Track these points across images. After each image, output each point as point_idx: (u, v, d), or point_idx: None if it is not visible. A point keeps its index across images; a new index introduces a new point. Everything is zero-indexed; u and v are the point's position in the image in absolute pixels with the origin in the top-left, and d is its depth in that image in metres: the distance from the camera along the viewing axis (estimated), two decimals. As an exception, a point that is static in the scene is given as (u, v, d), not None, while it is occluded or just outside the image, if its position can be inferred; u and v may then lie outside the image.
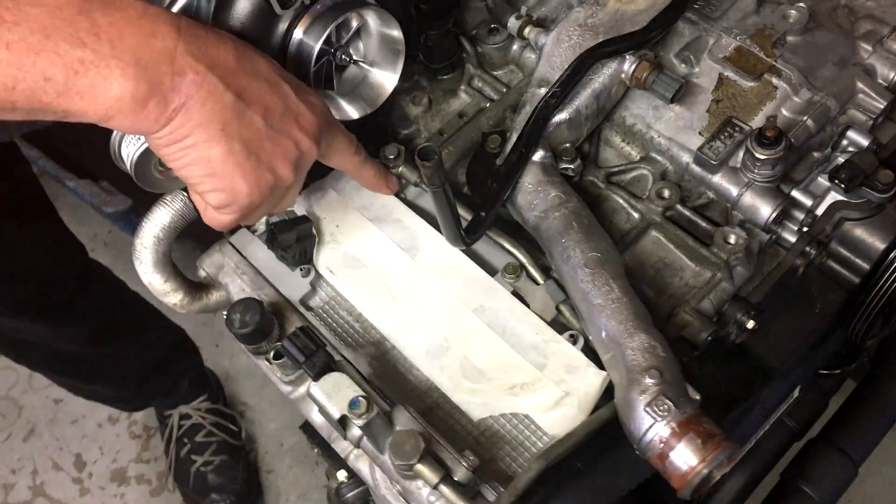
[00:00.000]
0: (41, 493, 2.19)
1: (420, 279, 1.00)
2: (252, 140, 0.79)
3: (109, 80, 0.69)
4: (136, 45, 0.70)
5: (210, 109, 0.75)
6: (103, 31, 0.69)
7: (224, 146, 0.77)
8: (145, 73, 0.71)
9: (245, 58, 0.79)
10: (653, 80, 1.02)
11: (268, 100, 0.80)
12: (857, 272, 1.06)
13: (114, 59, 0.69)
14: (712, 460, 0.79)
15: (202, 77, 0.74)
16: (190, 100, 0.74)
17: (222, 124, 0.76)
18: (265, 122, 0.80)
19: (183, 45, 0.73)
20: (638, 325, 0.87)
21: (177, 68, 0.73)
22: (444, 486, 0.81)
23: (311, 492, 2.14)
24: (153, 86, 0.71)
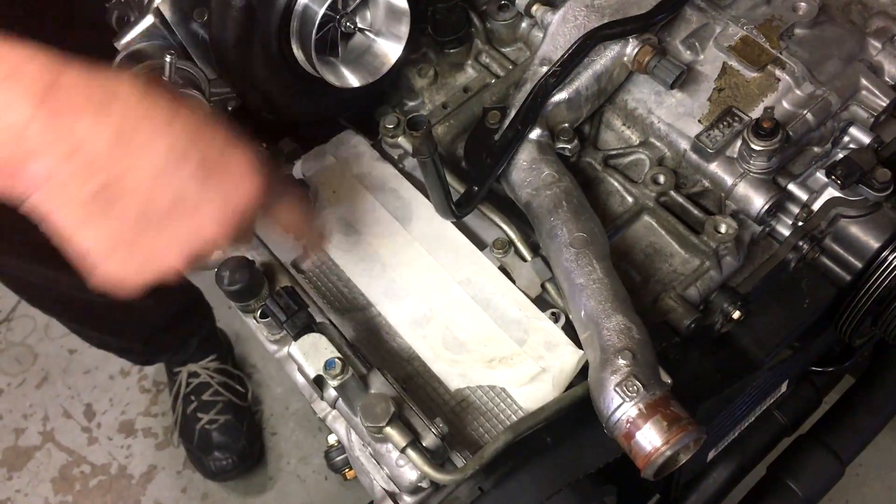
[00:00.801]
0: (51, 439, 2.24)
1: (410, 249, 1.02)
2: (122, 232, 0.68)
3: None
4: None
5: (64, 202, 0.65)
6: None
7: (87, 235, 0.68)
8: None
9: (131, 133, 0.66)
10: (654, 65, 1.02)
11: (152, 190, 0.67)
12: (850, 270, 1.06)
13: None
14: (676, 442, 0.80)
15: (53, 166, 0.63)
16: (40, 188, 0.64)
17: (83, 215, 0.66)
18: (142, 216, 0.68)
19: (40, 122, 0.62)
20: (616, 307, 0.88)
21: (25, 151, 0.62)
22: (411, 450, 0.83)
23: (313, 456, 2.17)
24: (2, 162, 0.63)
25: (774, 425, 1.37)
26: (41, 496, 2.17)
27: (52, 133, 0.63)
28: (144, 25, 0.96)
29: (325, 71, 1.02)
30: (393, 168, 1.08)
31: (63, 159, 0.63)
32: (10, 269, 1.59)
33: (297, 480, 2.15)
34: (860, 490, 2.05)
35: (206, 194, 0.69)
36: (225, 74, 1.02)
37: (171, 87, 0.74)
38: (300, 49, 1.00)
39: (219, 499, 2.15)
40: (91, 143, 0.64)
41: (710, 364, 1.02)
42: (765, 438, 1.37)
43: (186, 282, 2.03)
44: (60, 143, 0.63)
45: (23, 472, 2.20)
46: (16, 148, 0.62)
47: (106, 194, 0.66)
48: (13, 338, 2.39)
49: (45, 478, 2.19)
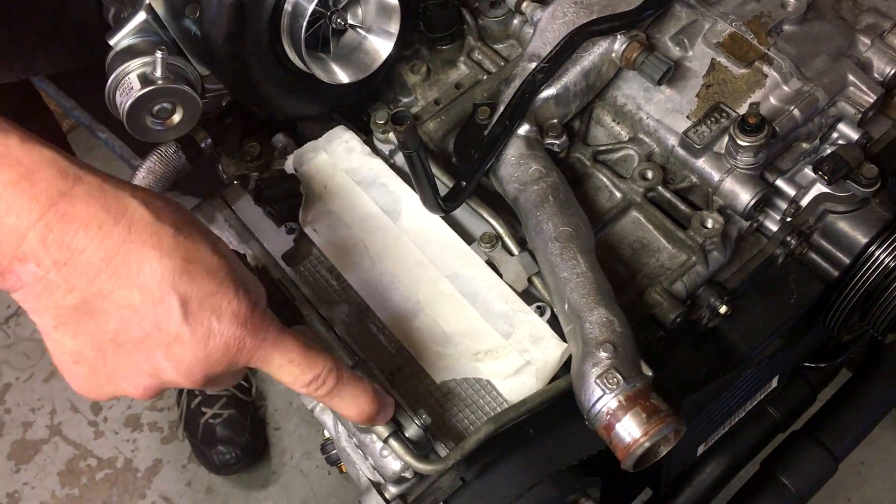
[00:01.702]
0: (58, 432, 2.27)
1: (399, 243, 1.03)
2: (89, 348, 0.68)
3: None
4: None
5: (43, 306, 0.66)
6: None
7: (54, 344, 0.68)
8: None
9: (127, 254, 0.66)
10: (642, 61, 1.03)
11: (130, 314, 0.66)
12: (837, 265, 1.06)
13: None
14: (655, 434, 0.81)
15: (44, 272, 0.64)
16: (25, 288, 0.65)
17: (56, 322, 0.67)
18: (115, 337, 0.67)
19: (39, 230, 0.63)
20: (599, 300, 0.89)
21: (19, 254, 0.63)
22: (393, 440, 0.84)
23: (316, 451, 2.19)
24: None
25: (768, 421, 1.38)
26: (48, 489, 2.20)
27: (50, 242, 0.63)
28: (136, 22, 0.97)
29: (316, 67, 1.03)
30: (383, 163, 1.09)
31: (53, 267, 0.64)
32: None
33: (300, 475, 2.17)
34: (862, 489, 2.05)
35: (181, 334, 0.67)
36: (217, 71, 1.03)
37: (181, 210, 0.71)
38: (291, 45, 1.01)
39: (223, 492, 2.17)
40: (85, 258, 0.64)
41: (697, 358, 1.03)
42: (758, 434, 1.37)
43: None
44: (56, 252, 0.63)
45: (30, 465, 2.24)
46: (11, 249, 0.63)
47: (86, 309, 0.66)
48: (22, 333, 2.42)
49: (52, 471, 2.23)
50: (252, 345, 0.70)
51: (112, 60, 0.98)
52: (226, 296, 0.69)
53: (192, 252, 0.68)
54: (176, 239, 0.67)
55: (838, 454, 1.31)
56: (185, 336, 0.67)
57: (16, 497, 2.20)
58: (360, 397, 0.78)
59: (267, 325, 0.72)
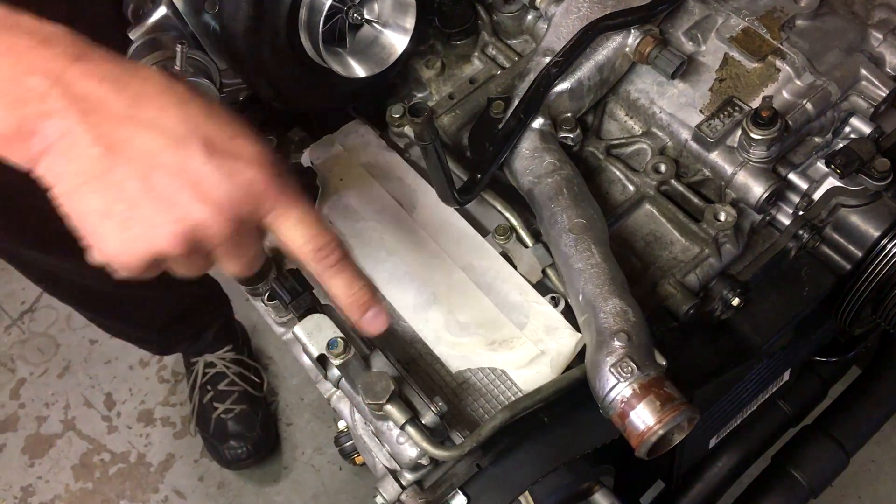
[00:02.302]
0: (72, 427, 2.29)
1: (414, 235, 1.04)
2: (118, 200, 0.68)
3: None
4: (7, 79, 0.65)
5: (70, 161, 0.67)
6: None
7: (82, 203, 0.68)
8: (8, 113, 0.66)
9: (146, 101, 0.68)
10: (655, 56, 1.04)
11: (155, 158, 0.67)
12: (850, 259, 1.07)
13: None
14: (669, 422, 0.82)
15: (68, 124, 0.66)
16: (52, 147, 0.66)
17: (83, 179, 0.67)
18: (142, 184, 0.67)
19: (61, 86, 0.66)
20: (613, 290, 0.90)
21: (44, 111, 0.65)
22: (410, 427, 0.85)
23: (327, 446, 2.20)
24: (15, 127, 0.66)
25: (779, 416, 1.38)
26: (62, 483, 2.22)
27: (73, 93, 0.66)
28: (157, 16, 0.99)
29: (333, 61, 1.05)
30: (399, 157, 1.10)
31: (77, 117, 0.66)
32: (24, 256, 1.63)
33: (312, 470, 2.18)
34: (873, 486, 2.05)
35: (207, 171, 0.68)
36: (235, 64, 1.05)
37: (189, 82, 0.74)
38: (308, 39, 1.02)
39: (235, 487, 2.18)
40: (107, 107, 0.66)
41: (709, 350, 1.03)
42: (770, 428, 1.38)
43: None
44: (79, 103, 0.66)
45: (44, 459, 2.25)
46: (35, 108, 0.65)
47: (112, 158, 0.67)
48: (36, 328, 2.44)
49: (66, 465, 2.24)
50: (275, 191, 0.71)
51: (133, 54, 0.99)
52: (248, 140, 0.70)
53: (210, 105, 0.71)
54: (191, 93, 0.70)
55: (850, 449, 1.32)
56: (208, 173, 0.68)
57: (30, 491, 2.21)
58: (358, 281, 0.78)
59: (287, 179, 0.72)
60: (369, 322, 0.80)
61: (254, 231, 0.73)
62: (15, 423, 2.31)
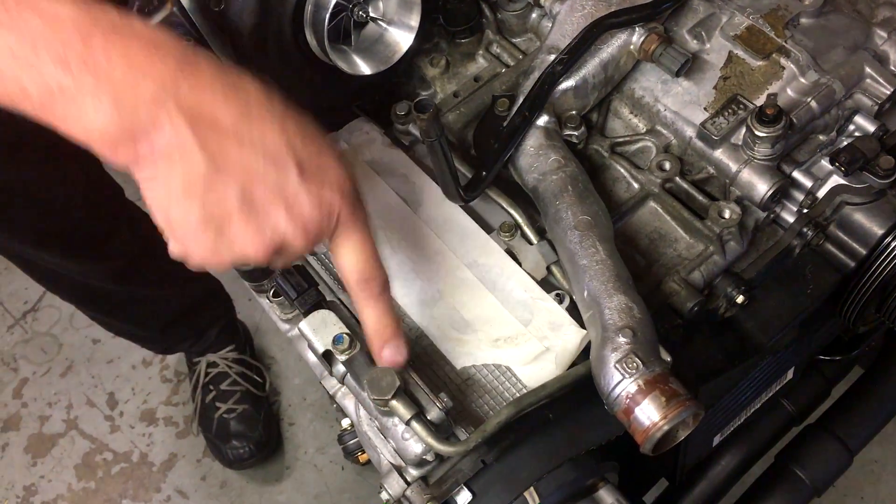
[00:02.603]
0: (74, 426, 2.29)
1: (419, 232, 1.04)
2: (216, 212, 0.71)
3: (83, 112, 0.66)
4: (121, 83, 0.66)
5: (176, 168, 0.69)
6: (94, 59, 0.65)
7: (182, 209, 0.70)
8: (119, 116, 0.66)
9: (250, 120, 0.71)
10: (660, 53, 1.04)
11: (254, 176, 0.71)
12: (854, 256, 1.07)
13: (90, 96, 0.65)
14: (674, 417, 0.82)
15: (177, 132, 0.67)
16: (158, 153, 0.68)
17: (186, 186, 0.69)
18: (240, 199, 0.71)
19: (173, 93, 0.67)
20: (618, 287, 0.90)
21: (156, 118, 0.67)
22: (416, 422, 0.85)
23: (329, 446, 2.20)
24: (124, 130, 0.67)
25: (783, 414, 1.38)
26: (64, 482, 2.22)
27: (184, 101, 0.67)
28: (163, 13, 0.99)
29: (338, 59, 1.05)
30: (403, 154, 1.10)
31: (188, 126, 0.67)
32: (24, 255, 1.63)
33: (314, 470, 2.18)
34: (875, 486, 2.05)
35: (300, 192, 0.72)
36: (241, 62, 1.05)
37: None
38: (314, 37, 1.03)
39: (237, 487, 2.19)
40: (214, 120, 0.68)
41: (713, 347, 1.04)
42: (773, 427, 1.38)
43: (205, 272, 2.06)
44: (189, 112, 0.67)
45: (47, 459, 2.25)
46: (148, 113, 0.66)
47: (216, 169, 0.69)
48: (39, 327, 2.44)
49: (69, 464, 2.24)
50: (347, 214, 0.77)
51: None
52: (331, 160, 0.76)
53: (301, 124, 0.74)
54: (287, 112, 0.73)
55: (853, 447, 1.32)
56: (301, 195, 0.72)
57: (32, 490, 2.22)
58: (389, 315, 0.84)
59: (361, 203, 0.79)
60: (389, 355, 0.85)
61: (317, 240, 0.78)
62: (18, 423, 2.31)
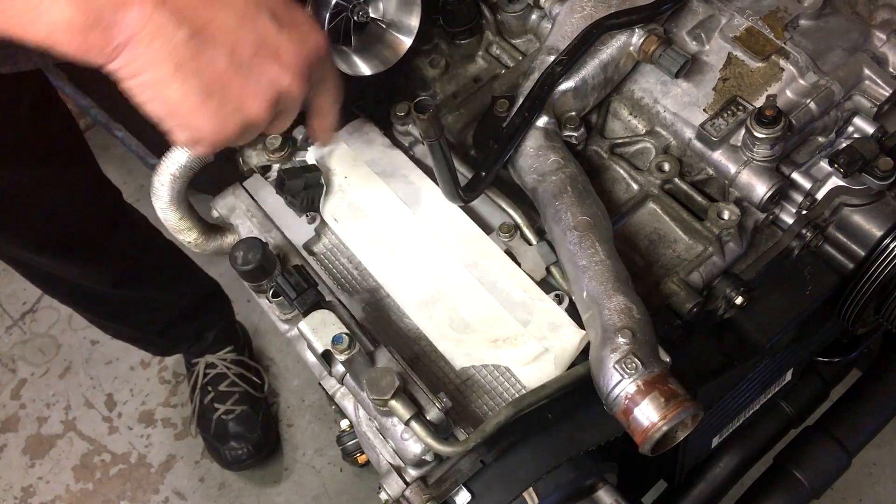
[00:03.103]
0: (72, 427, 2.29)
1: (419, 233, 1.04)
2: (213, 80, 0.72)
3: (43, 4, 0.64)
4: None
5: (159, 48, 0.68)
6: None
7: (180, 87, 0.71)
8: (83, 2, 0.65)
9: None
10: (659, 55, 1.04)
11: (236, 35, 0.72)
12: (853, 258, 1.07)
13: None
14: (673, 418, 0.82)
15: (149, 11, 0.67)
16: (135, 37, 0.67)
17: (175, 64, 0.69)
18: (231, 61, 0.72)
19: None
20: (617, 288, 0.90)
21: (120, 1, 0.66)
22: (415, 422, 0.85)
23: (328, 448, 2.20)
24: (92, 17, 0.65)
25: (781, 416, 1.38)
26: (62, 483, 2.22)
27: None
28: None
29: (338, 60, 1.05)
30: (403, 155, 1.10)
31: (158, 4, 0.67)
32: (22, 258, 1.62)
33: (313, 471, 2.18)
34: (873, 489, 2.05)
35: (282, 41, 0.75)
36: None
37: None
38: (314, 37, 1.02)
39: (236, 488, 2.18)
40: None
41: (712, 348, 1.04)
42: (772, 429, 1.38)
43: (203, 274, 2.06)
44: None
45: (45, 460, 2.25)
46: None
47: (196, 40, 0.70)
48: (37, 329, 2.44)
49: (67, 465, 2.24)
50: (329, 51, 0.82)
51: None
52: (298, 7, 0.78)
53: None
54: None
55: (852, 449, 1.32)
56: (284, 42, 0.75)
57: (30, 491, 2.21)
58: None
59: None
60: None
61: (321, 74, 0.83)
62: (16, 424, 2.31)
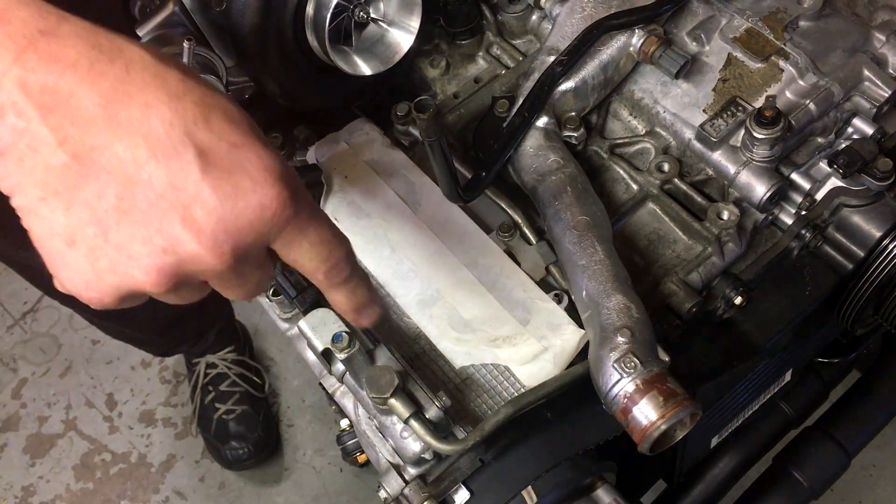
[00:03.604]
0: (73, 427, 2.29)
1: (419, 232, 1.04)
2: (86, 224, 0.54)
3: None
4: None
5: (29, 169, 0.54)
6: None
7: (42, 222, 0.55)
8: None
9: (127, 95, 0.54)
10: (659, 55, 1.04)
11: (134, 171, 0.53)
12: (852, 258, 1.07)
13: None
14: (671, 417, 0.82)
15: (26, 123, 0.53)
16: (7, 150, 0.53)
17: (43, 192, 0.54)
18: (119, 204, 0.54)
19: (17, 73, 0.52)
20: (616, 287, 0.90)
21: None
22: (414, 421, 0.85)
23: (328, 448, 2.20)
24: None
25: (780, 417, 1.38)
26: (63, 482, 2.22)
27: (32, 85, 0.52)
28: (165, 13, 1.00)
29: (339, 59, 1.05)
30: (403, 154, 1.10)
31: (38, 114, 0.52)
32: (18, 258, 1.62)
33: (313, 471, 2.19)
34: (873, 491, 2.05)
35: (201, 191, 0.54)
36: (242, 62, 1.06)
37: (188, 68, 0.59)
38: (315, 37, 1.03)
39: (236, 488, 2.19)
40: (75, 102, 0.53)
41: (711, 348, 1.04)
42: (771, 430, 1.38)
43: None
44: (40, 97, 0.52)
45: (45, 459, 2.25)
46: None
47: (81, 168, 0.53)
48: (38, 328, 2.44)
49: (67, 465, 2.24)
50: (290, 210, 0.57)
51: (140, 50, 0.99)
52: (254, 147, 0.56)
53: (207, 96, 0.55)
54: (185, 83, 0.55)
55: (851, 450, 1.32)
56: (206, 193, 0.54)
57: (31, 490, 2.22)
58: (361, 285, 0.70)
59: (303, 189, 0.59)
60: (367, 322, 0.75)
61: (260, 257, 0.61)
62: (16, 423, 2.31)
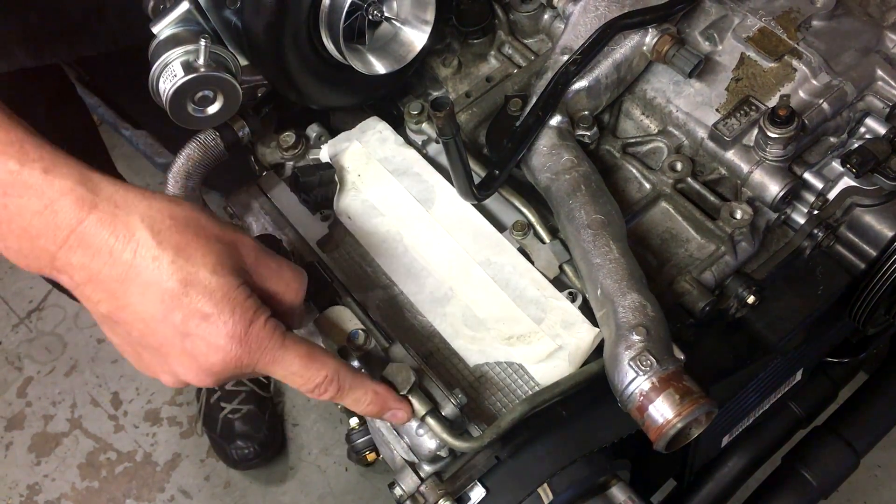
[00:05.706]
0: (78, 426, 2.29)
1: (432, 230, 1.05)
2: (126, 345, 0.79)
3: None
4: (18, 240, 0.73)
5: (86, 306, 0.77)
6: None
7: (105, 333, 0.80)
8: (27, 260, 0.74)
9: (132, 280, 0.73)
10: (673, 54, 1.04)
11: (145, 327, 0.75)
12: (864, 258, 1.07)
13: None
14: (688, 415, 0.82)
15: (76, 284, 0.75)
16: (74, 289, 0.76)
17: (98, 321, 0.78)
18: (140, 340, 0.77)
19: (65, 254, 0.73)
20: (632, 286, 0.91)
21: (57, 266, 0.74)
22: (430, 418, 0.85)
23: (333, 447, 2.20)
24: (40, 270, 0.75)
25: (790, 416, 1.38)
26: (68, 481, 2.22)
27: (75, 263, 0.73)
28: (179, 11, 1.00)
29: (353, 58, 1.05)
30: (416, 153, 1.11)
31: (82, 282, 0.74)
32: None
33: (318, 471, 2.19)
34: (879, 491, 2.06)
35: (182, 356, 0.76)
36: (256, 61, 1.06)
37: (190, 225, 0.76)
38: (329, 36, 1.03)
39: (241, 487, 2.19)
40: (103, 278, 0.73)
41: (724, 347, 1.04)
42: (781, 429, 1.38)
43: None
44: (81, 272, 0.73)
45: (51, 458, 2.25)
46: (48, 263, 0.74)
47: (114, 318, 0.75)
48: (44, 327, 2.44)
49: (73, 463, 2.24)
50: (250, 361, 0.77)
51: (156, 48, 1.00)
52: (221, 316, 0.74)
53: (190, 276, 0.74)
54: (174, 264, 0.74)
55: (860, 449, 1.32)
56: (186, 354, 0.76)
57: (36, 489, 2.22)
58: (362, 399, 0.84)
59: (266, 341, 0.77)
60: (394, 418, 0.87)
61: (248, 374, 0.80)
62: (22, 422, 2.31)
